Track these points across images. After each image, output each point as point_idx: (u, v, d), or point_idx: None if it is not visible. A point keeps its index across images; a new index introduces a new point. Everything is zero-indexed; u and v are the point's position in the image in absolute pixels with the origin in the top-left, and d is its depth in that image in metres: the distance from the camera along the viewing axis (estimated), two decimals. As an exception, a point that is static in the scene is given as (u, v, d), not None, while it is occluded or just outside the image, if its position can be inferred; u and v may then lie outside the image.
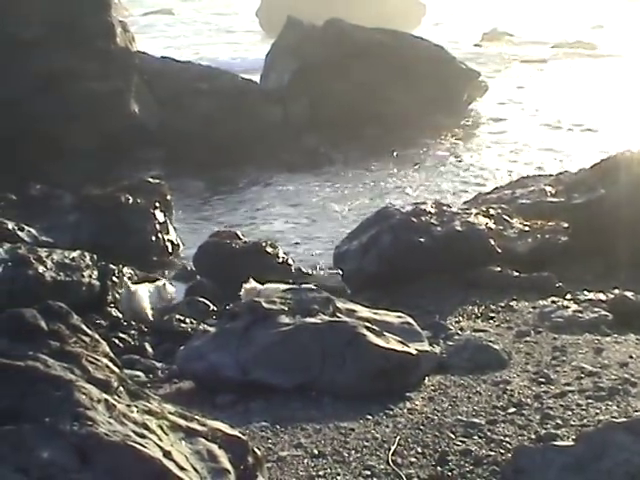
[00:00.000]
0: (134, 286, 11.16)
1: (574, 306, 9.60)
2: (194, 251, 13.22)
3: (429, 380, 7.49)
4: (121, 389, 5.06)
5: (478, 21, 49.62)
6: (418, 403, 6.99)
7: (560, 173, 14.29)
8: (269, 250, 12.63)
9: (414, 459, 5.94)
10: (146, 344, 9.85)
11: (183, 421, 5.00)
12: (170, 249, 14.14)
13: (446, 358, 8.02)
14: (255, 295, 10.17)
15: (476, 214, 11.81)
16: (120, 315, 10.77)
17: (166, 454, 4.55)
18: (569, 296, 10.07)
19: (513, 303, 9.98)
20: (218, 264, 12.38)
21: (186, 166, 19.20)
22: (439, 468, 5.82)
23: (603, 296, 9.93)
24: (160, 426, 4.83)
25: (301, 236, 15.42)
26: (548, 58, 37.09)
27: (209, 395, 7.26)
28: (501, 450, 6.01)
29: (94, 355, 5.27)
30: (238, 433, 5.22)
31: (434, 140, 22.92)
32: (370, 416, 6.69)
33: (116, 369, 5.28)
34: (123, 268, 12.09)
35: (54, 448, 4.36)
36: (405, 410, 6.84)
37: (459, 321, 9.55)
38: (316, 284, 11.13)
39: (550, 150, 21.62)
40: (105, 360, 5.29)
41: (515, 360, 7.99)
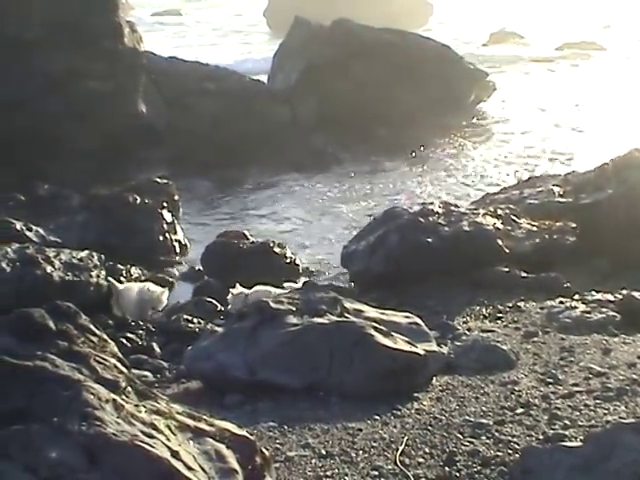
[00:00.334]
0: (121, 285, 11.14)
1: (582, 306, 9.58)
2: (201, 251, 13.23)
3: (437, 380, 7.48)
4: (129, 389, 5.06)
5: (486, 21, 49.56)
6: (426, 403, 6.98)
7: (568, 173, 14.28)
8: (277, 250, 12.65)
9: (422, 459, 5.93)
10: (154, 344, 9.87)
11: (191, 421, 5.00)
12: (177, 249, 14.16)
13: (454, 358, 8.01)
14: (243, 300, 10.20)
15: (484, 214, 11.80)
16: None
17: (174, 454, 4.54)
18: (577, 296, 10.05)
19: (521, 303, 9.97)
20: (226, 264, 12.40)
21: (193, 166, 19.21)
22: (447, 468, 5.80)
23: (611, 296, 9.91)
24: (168, 426, 4.83)
25: (309, 236, 15.41)
26: (556, 58, 37.04)
27: (217, 395, 7.26)
28: (509, 451, 6.00)
29: (102, 355, 5.27)
30: (246, 433, 5.21)
31: (442, 140, 22.90)
32: (378, 416, 6.68)
33: (124, 369, 5.28)
34: (131, 268, 12.11)
35: (62, 448, 4.37)
36: (413, 410, 6.83)
37: (467, 321, 9.55)
38: (324, 284, 11.17)
39: (558, 150, 21.58)
40: (113, 360, 5.29)
41: (523, 360, 7.97)
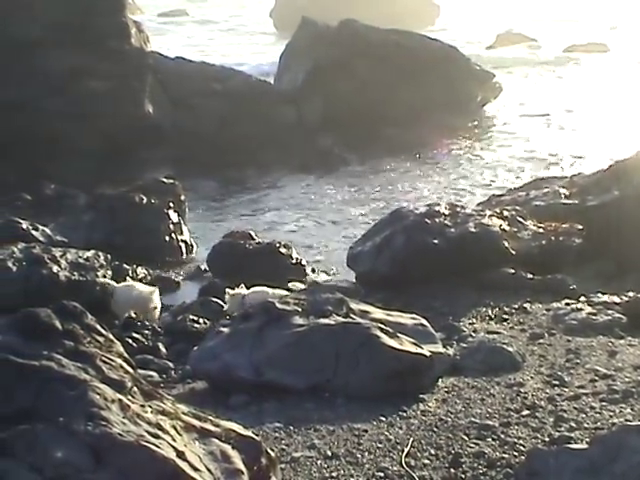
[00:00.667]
0: (116, 285, 11.08)
1: (588, 308, 9.57)
2: (208, 251, 13.23)
3: (442, 382, 7.48)
4: (135, 389, 5.06)
5: (492, 22, 49.57)
6: (431, 405, 6.98)
7: (574, 175, 14.27)
8: (283, 251, 12.63)
9: (427, 461, 5.93)
10: (160, 344, 9.86)
11: (197, 421, 5.00)
12: (184, 249, 14.16)
13: (459, 360, 8.01)
14: (240, 300, 10.17)
15: (490, 216, 11.79)
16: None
17: (180, 454, 4.54)
18: (583, 298, 10.04)
19: (527, 305, 9.96)
20: (232, 264, 12.39)
21: (200, 166, 19.22)
22: (452, 470, 5.80)
23: (617, 298, 9.91)
24: (174, 426, 4.82)
25: (315, 237, 15.41)
26: (563, 59, 37.03)
27: (222, 395, 7.26)
28: (515, 453, 5.99)
29: (108, 355, 5.27)
30: (251, 434, 5.21)
31: (448, 141, 22.90)
32: (383, 417, 6.68)
33: (130, 369, 5.28)
34: (137, 268, 12.11)
35: (68, 448, 4.37)
36: (418, 412, 6.82)
37: (473, 323, 9.54)
38: (330, 285, 11.16)
39: (564, 152, 21.57)
40: (119, 360, 5.29)
41: (529, 362, 7.97)
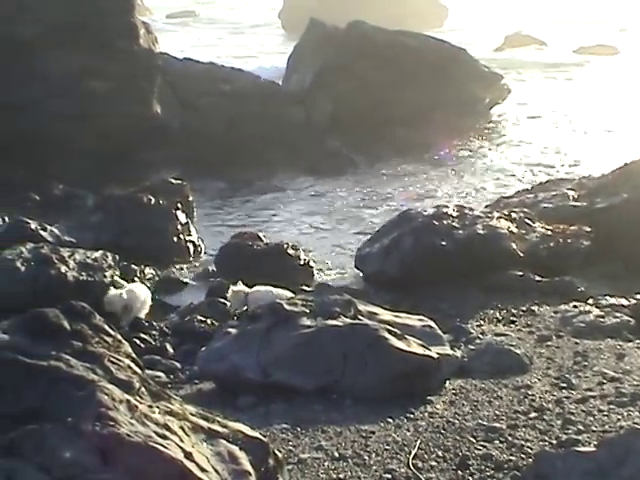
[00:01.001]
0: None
1: (596, 311, 9.56)
2: (215, 252, 13.23)
3: (450, 384, 7.47)
4: (143, 390, 5.07)
5: (501, 23, 49.53)
6: (439, 407, 6.98)
7: (583, 177, 14.26)
8: (290, 252, 12.63)
9: (435, 463, 5.93)
10: (167, 345, 9.86)
11: (204, 422, 5.00)
12: (191, 250, 14.16)
13: (467, 362, 8.01)
14: (243, 298, 10.17)
15: (498, 217, 11.79)
16: (141, 315, 10.81)
17: (187, 455, 4.55)
18: (591, 301, 10.03)
19: (535, 307, 9.96)
20: (239, 265, 12.38)
21: (208, 167, 19.21)
22: (460, 472, 5.80)
23: (625, 301, 9.90)
24: (182, 427, 4.83)
25: (323, 238, 15.39)
26: (572, 61, 36.98)
27: (230, 396, 7.26)
28: (522, 455, 5.99)
29: (116, 355, 5.28)
30: (259, 435, 5.21)
31: (455, 142, 22.87)
32: (391, 419, 6.68)
33: (138, 370, 5.29)
34: (145, 269, 12.12)
35: (76, 448, 4.37)
36: (426, 414, 6.82)
37: (480, 325, 9.54)
38: (337, 286, 11.16)
39: (572, 154, 21.53)
40: (127, 361, 5.30)
41: (536, 365, 7.96)
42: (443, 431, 6.46)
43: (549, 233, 11.81)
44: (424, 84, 23.80)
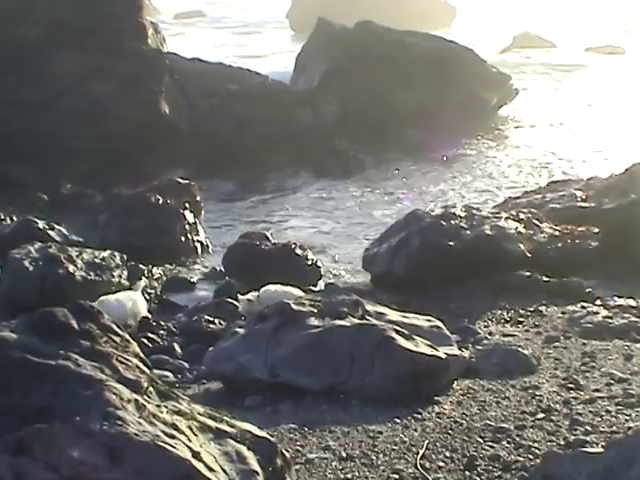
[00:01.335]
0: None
1: (604, 312, 9.54)
2: (223, 252, 13.24)
3: (458, 384, 7.47)
4: (151, 389, 5.08)
5: (509, 23, 49.48)
6: (447, 407, 6.97)
7: (590, 178, 14.22)
8: (298, 252, 12.62)
9: (442, 463, 5.92)
10: (175, 344, 9.88)
11: (212, 422, 5.01)
12: (199, 250, 14.18)
13: (475, 362, 8.00)
14: (256, 304, 10.15)
15: (506, 218, 11.78)
16: (149, 315, 10.82)
17: (195, 455, 4.55)
18: (599, 302, 10.01)
19: (542, 308, 9.94)
20: (247, 265, 12.40)
21: (216, 167, 19.22)
22: (467, 473, 5.79)
23: (633, 302, 9.87)
24: (189, 427, 4.83)
25: (331, 238, 15.40)
26: (579, 62, 36.93)
27: (238, 396, 7.26)
28: (530, 456, 5.98)
29: (124, 355, 5.29)
30: (267, 435, 5.22)
31: (464, 143, 22.86)
32: (398, 419, 6.68)
33: (146, 369, 5.30)
34: (152, 268, 12.15)
35: (84, 447, 4.38)
36: (434, 414, 6.82)
37: (488, 325, 9.53)
38: (345, 286, 11.17)
39: (581, 154, 21.51)
40: (135, 360, 5.31)
41: (544, 365, 7.95)
42: (451, 431, 6.45)
43: (557, 234, 11.79)
44: (432, 84, 23.79)
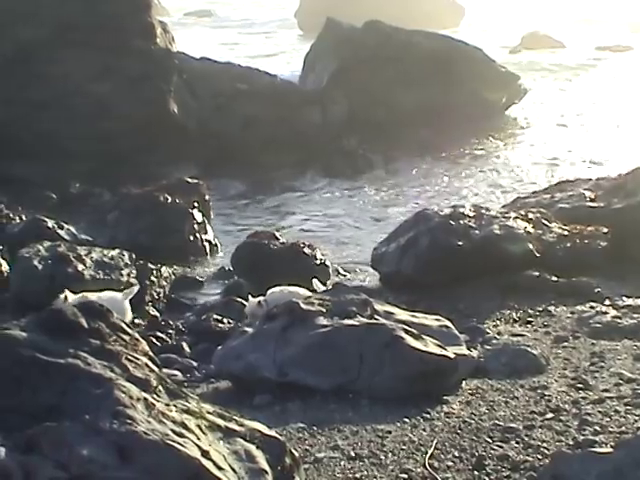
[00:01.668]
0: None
1: (613, 312, 9.53)
2: (231, 251, 13.24)
3: (466, 384, 7.47)
4: (160, 388, 5.09)
5: (518, 23, 49.41)
6: (455, 407, 6.97)
7: (599, 178, 14.19)
8: (307, 251, 12.62)
9: (451, 463, 5.92)
10: (184, 343, 9.89)
11: (221, 421, 5.01)
12: (208, 249, 14.20)
13: (484, 362, 7.99)
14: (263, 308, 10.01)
15: (515, 218, 11.76)
16: (158, 314, 10.83)
17: (204, 453, 4.56)
18: (608, 302, 9.99)
19: (551, 308, 9.93)
20: (256, 264, 12.39)
21: (224, 166, 19.23)
22: (476, 472, 5.79)
23: (642, 302, 9.86)
24: (199, 425, 4.84)
25: (339, 238, 15.40)
26: (588, 61, 36.86)
27: (246, 395, 7.27)
28: (539, 456, 5.98)
29: (134, 354, 5.30)
30: (275, 434, 5.22)
31: (472, 142, 22.84)
32: (407, 419, 6.68)
33: (155, 368, 5.30)
34: (161, 267, 12.16)
35: (93, 445, 4.39)
36: (442, 414, 6.82)
37: (497, 325, 9.52)
38: (354, 286, 11.14)
39: (590, 154, 21.47)
40: (144, 359, 5.32)
41: (553, 365, 7.95)
42: (459, 431, 6.45)
43: (566, 234, 11.77)
44: (440, 84, 23.77)
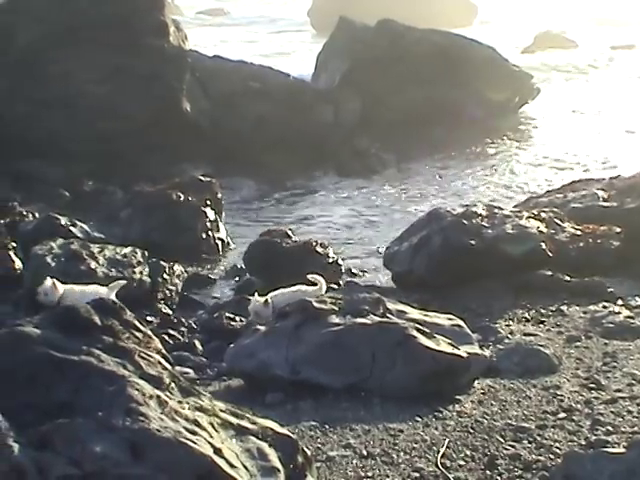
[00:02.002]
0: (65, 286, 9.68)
1: (626, 312, 9.52)
2: (244, 249, 13.25)
3: (479, 383, 7.46)
4: (173, 385, 5.10)
5: (531, 21, 49.29)
6: (467, 406, 6.97)
7: (613, 177, 14.17)
8: (319, 250, 12.62)
9: (463, 462, 5.92)
10: (196, 341, 9.90)
11: (234, 419, 5.02)
12: (220, 247, 14.21)
13: (496, 361, 7.99)
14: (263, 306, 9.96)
15: (527, 217, 11.74)
16: (170, 312, 10.84)
17: (217, 451, 4.57)
18: (620, 301, 9.98)
19: (564, 308, 9.91)
20: (268, 262, 12.39)
21: (237, 165, 19.23)
22: (488, 472, 5.80)
23: (655, 302, 9.85)
24: (211, 423, 4.85)
25: (352, 237, 15.38)
26: (602, 61, 36.75)
27: (259, 393, 7.28)
28: (551, 455, 5.98)
29: (147, 351, 5.31)
30: (288, 432, 5.23)
31: (484, 142, 22.80)
32: (419, 418, 6.68)
33: (168, 365, 5.32)
34: (174, 265, 12.17)
35: (107, 442, 4.41)
36: (454, 413, 6.82)
37: (509, 325, 9.51)
38: (366, 284, 11.14)
39: (603, 154, 21.41)
40: (157, 356, 5.33)
41: (565, 365, 7.94)
42: (471, 430, 6.45)
43: (579, 233, 11.76)
44: (453, 83, 23.73)
